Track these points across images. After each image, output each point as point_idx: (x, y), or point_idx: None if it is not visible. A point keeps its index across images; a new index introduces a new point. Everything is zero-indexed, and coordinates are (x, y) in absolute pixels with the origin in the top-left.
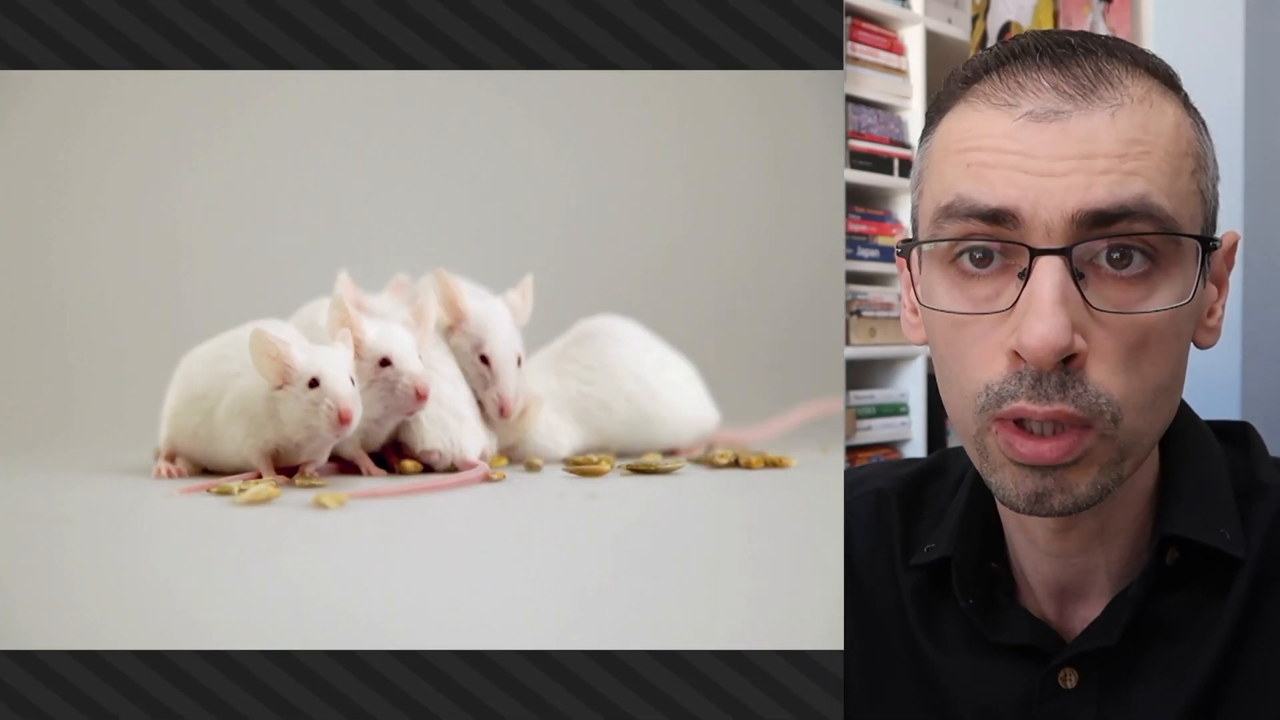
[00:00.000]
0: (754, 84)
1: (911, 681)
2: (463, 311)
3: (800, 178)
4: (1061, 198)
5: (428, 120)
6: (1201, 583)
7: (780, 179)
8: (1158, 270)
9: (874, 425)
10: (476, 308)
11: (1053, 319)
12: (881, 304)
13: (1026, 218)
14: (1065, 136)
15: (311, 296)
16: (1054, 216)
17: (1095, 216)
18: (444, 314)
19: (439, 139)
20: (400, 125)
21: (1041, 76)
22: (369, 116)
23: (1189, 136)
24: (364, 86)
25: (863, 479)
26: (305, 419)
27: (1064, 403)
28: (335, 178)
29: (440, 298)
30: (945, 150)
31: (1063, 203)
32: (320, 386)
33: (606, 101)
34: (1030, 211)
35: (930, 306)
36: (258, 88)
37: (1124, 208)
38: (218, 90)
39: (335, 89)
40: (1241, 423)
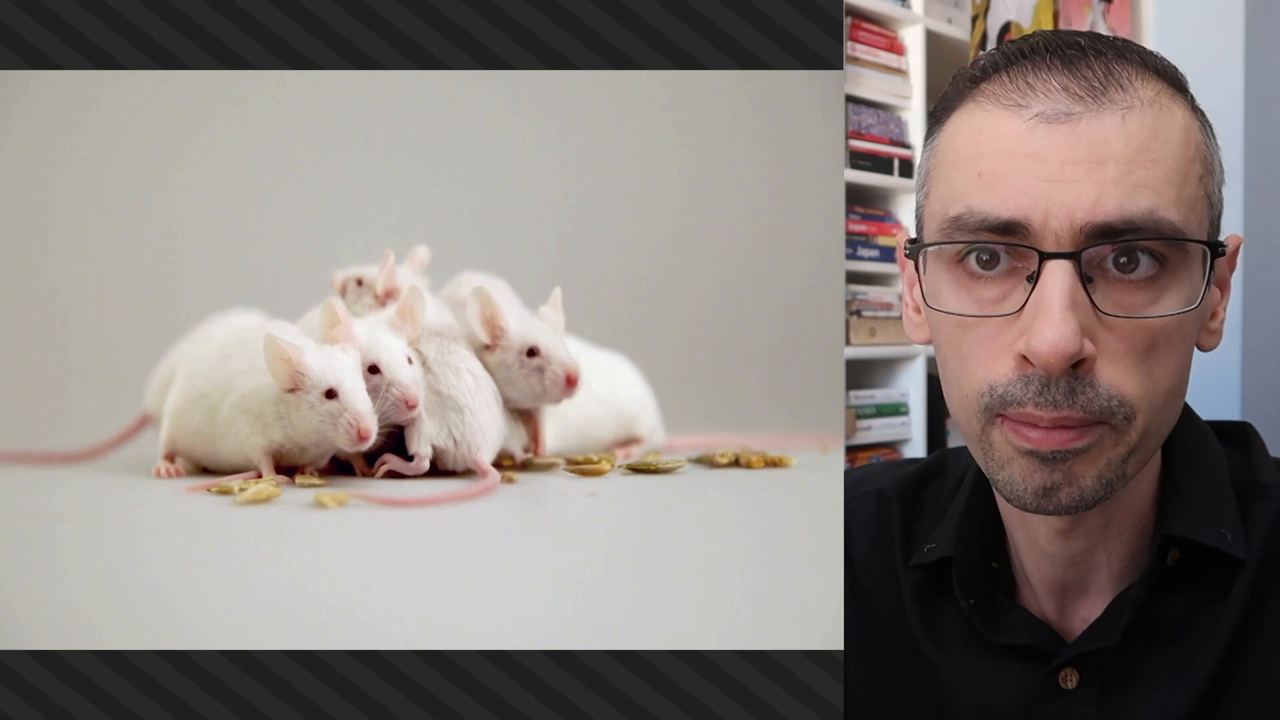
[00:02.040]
0: (754, 84)
1: (912, 682)
2: (503, 329)
3: (800, 178)
4: (1071, 207)
5: (428, 121)
6: (1202, 583)
7: (780, 179)
8: (1165, 274)
9: (874, 425)
10: (518, 326)
11: (1063, 324)
12: (881, 304)
13: (1037, 228)
14: (1076, 140)
15: (310, 295)
16: (1063, 225)
17: (1103, 229)
18: (482, 332)
19: (439, 139)
20: (399, 125)
21: (1052, 77)
22: (366, 116)
23: (1197, 141)
24: (360, 86)
25: (863, 479)
26: (321, 429)
27: (1071, 408)
28: (335, 176)
29: (480, 316)
30: (955, 154)
31: (1072, 212)
32: (339, 399)
33: (606, 102)
34: (1041, 221)
35: (936, 308)
36: (252, 86)
37: (1132, 223)
38: (218, 90)
39: (332, 88)
40: (1242, 423)
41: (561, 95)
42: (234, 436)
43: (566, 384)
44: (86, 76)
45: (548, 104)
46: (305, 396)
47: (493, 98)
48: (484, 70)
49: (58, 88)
